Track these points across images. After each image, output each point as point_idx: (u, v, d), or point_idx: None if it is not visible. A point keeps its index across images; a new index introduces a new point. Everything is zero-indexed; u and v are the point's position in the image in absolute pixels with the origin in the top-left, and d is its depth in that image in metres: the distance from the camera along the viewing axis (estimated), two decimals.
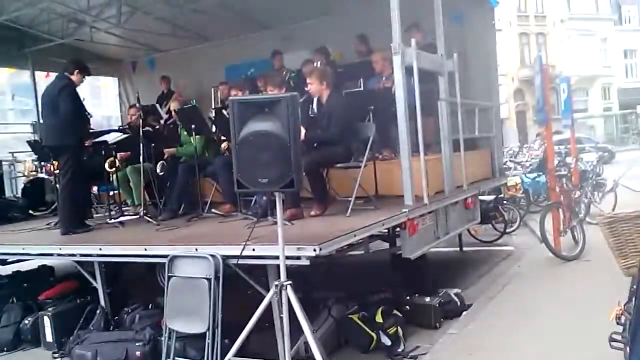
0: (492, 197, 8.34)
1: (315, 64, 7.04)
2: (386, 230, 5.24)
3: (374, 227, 4.51)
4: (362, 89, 6.87)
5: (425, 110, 5.28)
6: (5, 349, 5.34)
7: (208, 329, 3.92)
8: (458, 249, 7.80)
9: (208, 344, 3.92)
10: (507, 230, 8.62)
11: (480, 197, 7.04)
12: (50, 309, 5.27)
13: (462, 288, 5.68)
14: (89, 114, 6.15)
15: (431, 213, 5.29)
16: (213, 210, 6.08)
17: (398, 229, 4.97)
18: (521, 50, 33.39)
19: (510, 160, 12.70)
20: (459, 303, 5.21)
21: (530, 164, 12.27)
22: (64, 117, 5.64)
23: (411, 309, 5.02)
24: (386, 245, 5.97)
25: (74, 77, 5.85)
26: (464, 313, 5.08)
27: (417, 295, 5.13)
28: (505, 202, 8.95)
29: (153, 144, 6.59)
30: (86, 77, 6.03)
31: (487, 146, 7.43)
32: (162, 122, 7.72)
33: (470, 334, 4.53)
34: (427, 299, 5.03)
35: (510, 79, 32.10)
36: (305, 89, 5.73)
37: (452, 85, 5.84)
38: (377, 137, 5.46)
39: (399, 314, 4.82)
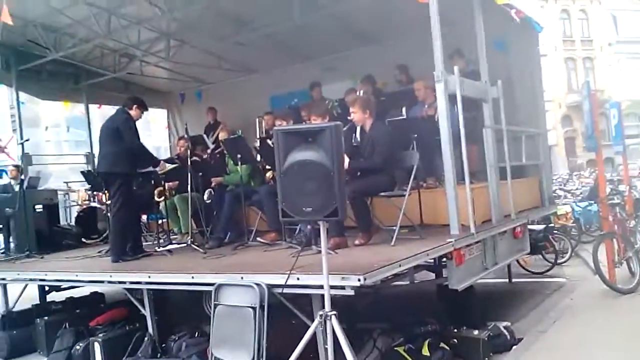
0: (541, 227, 8.09)
1: (358, 93, 7.08)
2: (432, 260, 5.14)
3: (420, 257, 4.43)
4: (404, 117, 6.87)
5: (470, 138, 5.22)
6: None
7: (253, 358, 3.90)
8: (507, 280, 7.55)
9: None
10: (558, 261, 8.30)
11: (530, 227, 6.84)
12: (100, 335, 5.38)
13: (512, 321, 5.47)
14: None
15: (478, 243, 5.17)
16: (258, 238, 6.11)
17: (444, 259, 4.86)
18: (568, 75, 32.85)
19: (560, 189, 12.37)
20: (508, 337, 5.02)
21: (581, 192, 11.92)
22: (129, 148, 5.91)
23: (459, 342, 4.85)
24: (432, 275, 5.86)
25: (132, 112, 6.13)
26: (514, 347, 4.89)
27: (465, 328, 4.97)
28: (555, 231, 8.65)
29: (200, 173, 6.75)
30: (144, 112, 6.29)
31: (535, 174, 7.25)
32: (209, 151, 7.92)
33: None
34: (476, 332, 4.86)
35: (557, 104, 31.49)
36: (348, 117, 5.76)
37: (497, 112, 5.76)
38: (420, 165, 5.42)
39: (446, 347, 4.69)
